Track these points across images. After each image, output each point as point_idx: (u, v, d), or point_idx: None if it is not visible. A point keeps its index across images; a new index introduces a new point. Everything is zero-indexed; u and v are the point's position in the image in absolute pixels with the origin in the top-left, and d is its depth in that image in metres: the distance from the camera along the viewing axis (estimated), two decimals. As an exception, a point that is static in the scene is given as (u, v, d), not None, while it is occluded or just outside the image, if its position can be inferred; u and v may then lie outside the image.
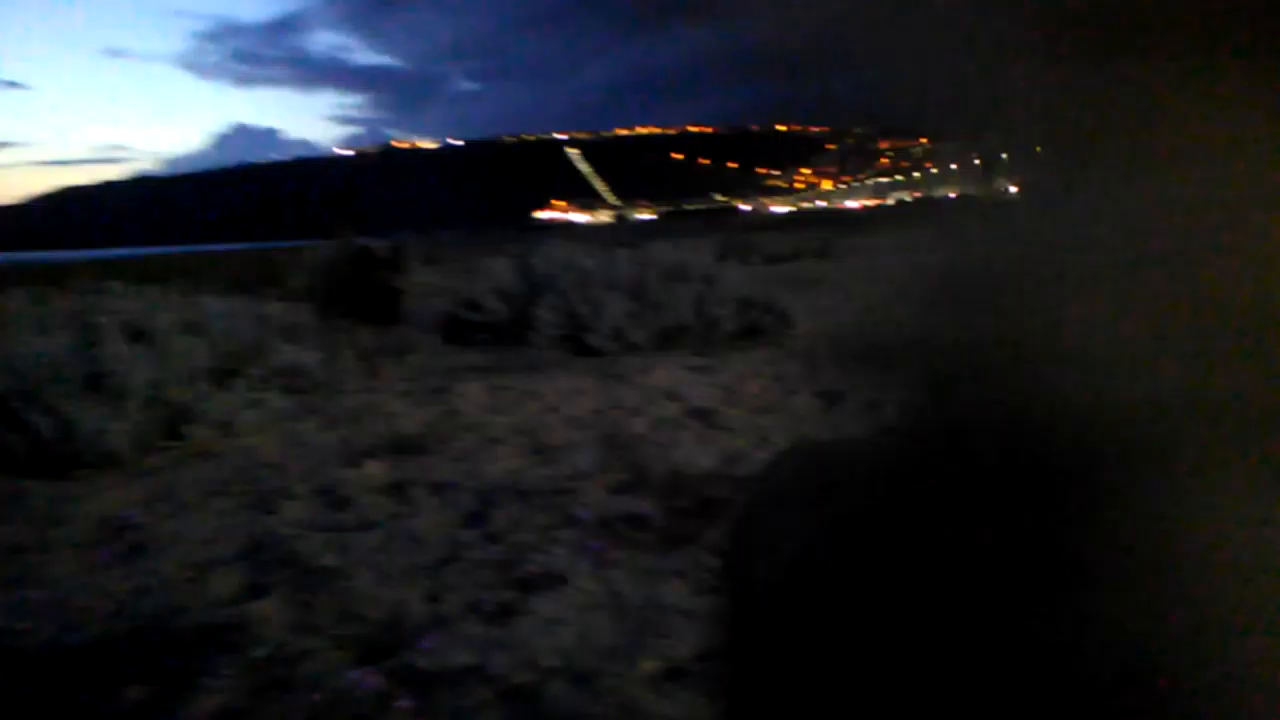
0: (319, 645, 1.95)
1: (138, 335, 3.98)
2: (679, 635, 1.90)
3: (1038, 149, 0.40)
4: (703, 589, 2.13)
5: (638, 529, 2.53)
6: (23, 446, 3.28)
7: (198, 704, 1.73)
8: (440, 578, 2.28)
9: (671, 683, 1.72)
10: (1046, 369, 0.34)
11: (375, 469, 3.27)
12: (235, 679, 1.82)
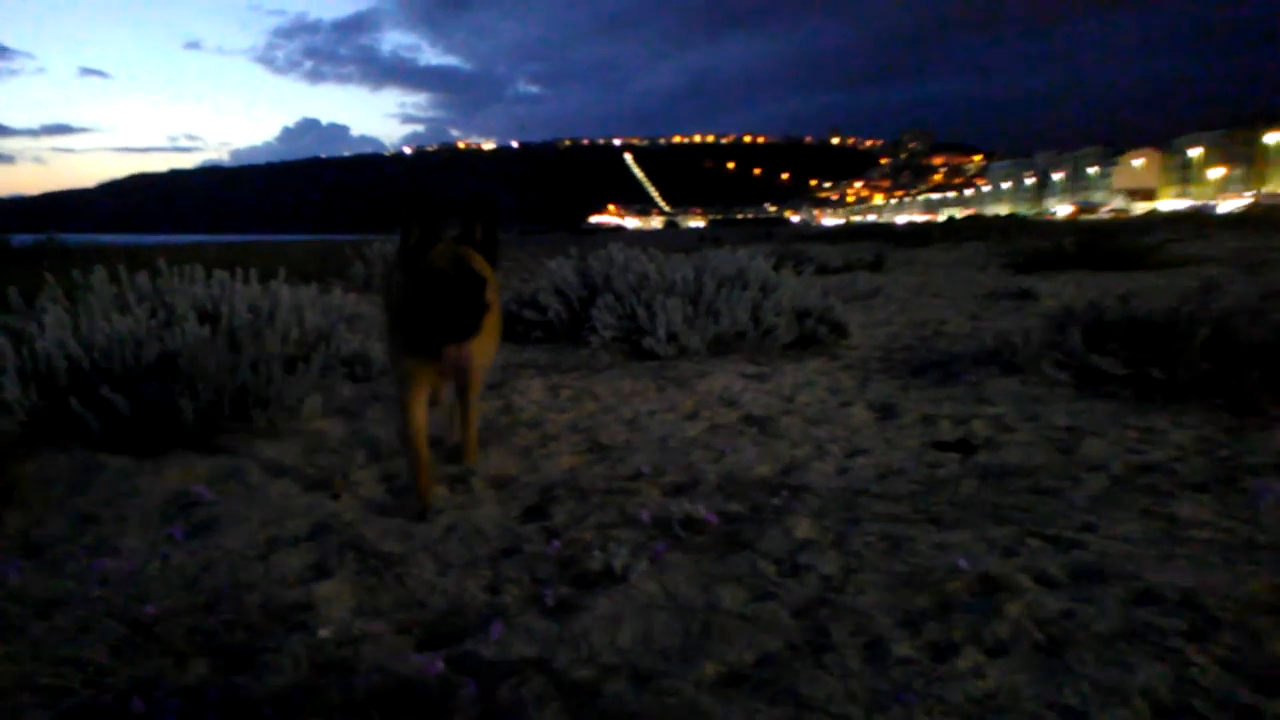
0: (382, 629, 1.99)
1: (210, 318, 4.08)
2: (737, 640, 1.89)
3: None
4: (760, 595, 2.12)
5: (695, 532, 2.52)
6: (99, 422, 3.37)
7: (264, 680, 1.77)
8: (500, 570, 2.30)
9: (732, 687, 1.72)
10: None
11: (436, 460, 3.31)
12: (301, 658, 1.85)
